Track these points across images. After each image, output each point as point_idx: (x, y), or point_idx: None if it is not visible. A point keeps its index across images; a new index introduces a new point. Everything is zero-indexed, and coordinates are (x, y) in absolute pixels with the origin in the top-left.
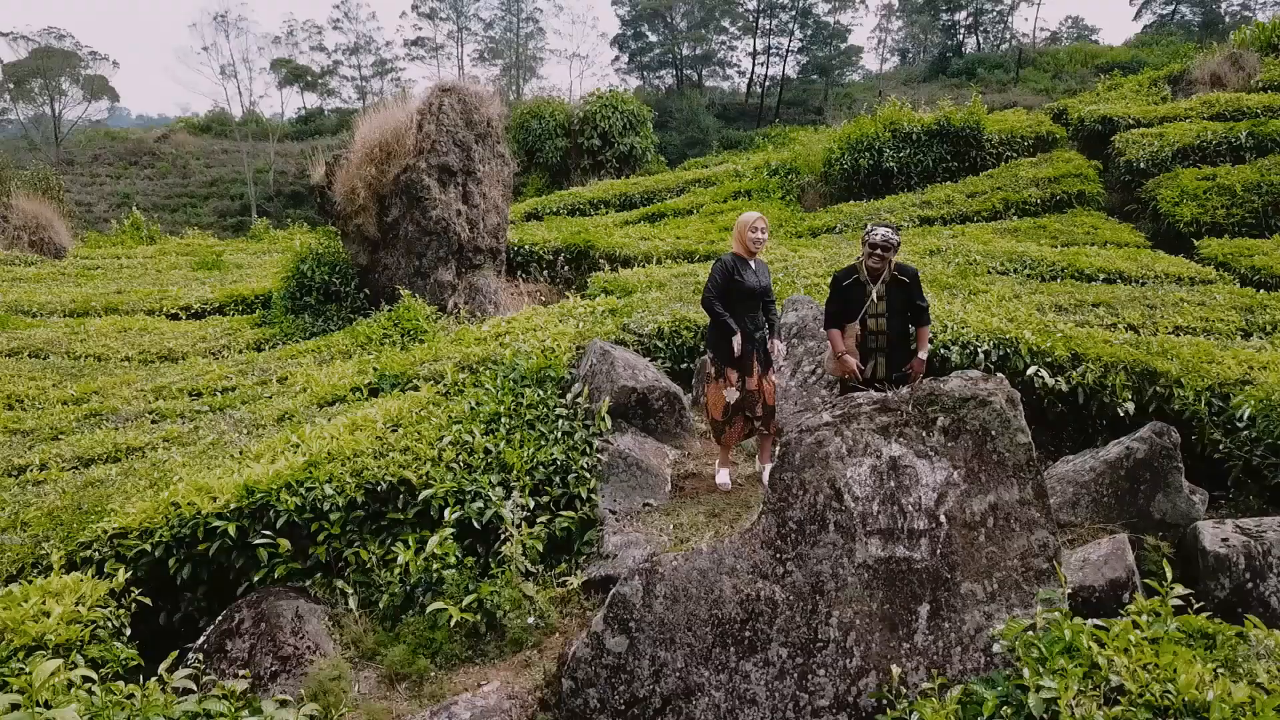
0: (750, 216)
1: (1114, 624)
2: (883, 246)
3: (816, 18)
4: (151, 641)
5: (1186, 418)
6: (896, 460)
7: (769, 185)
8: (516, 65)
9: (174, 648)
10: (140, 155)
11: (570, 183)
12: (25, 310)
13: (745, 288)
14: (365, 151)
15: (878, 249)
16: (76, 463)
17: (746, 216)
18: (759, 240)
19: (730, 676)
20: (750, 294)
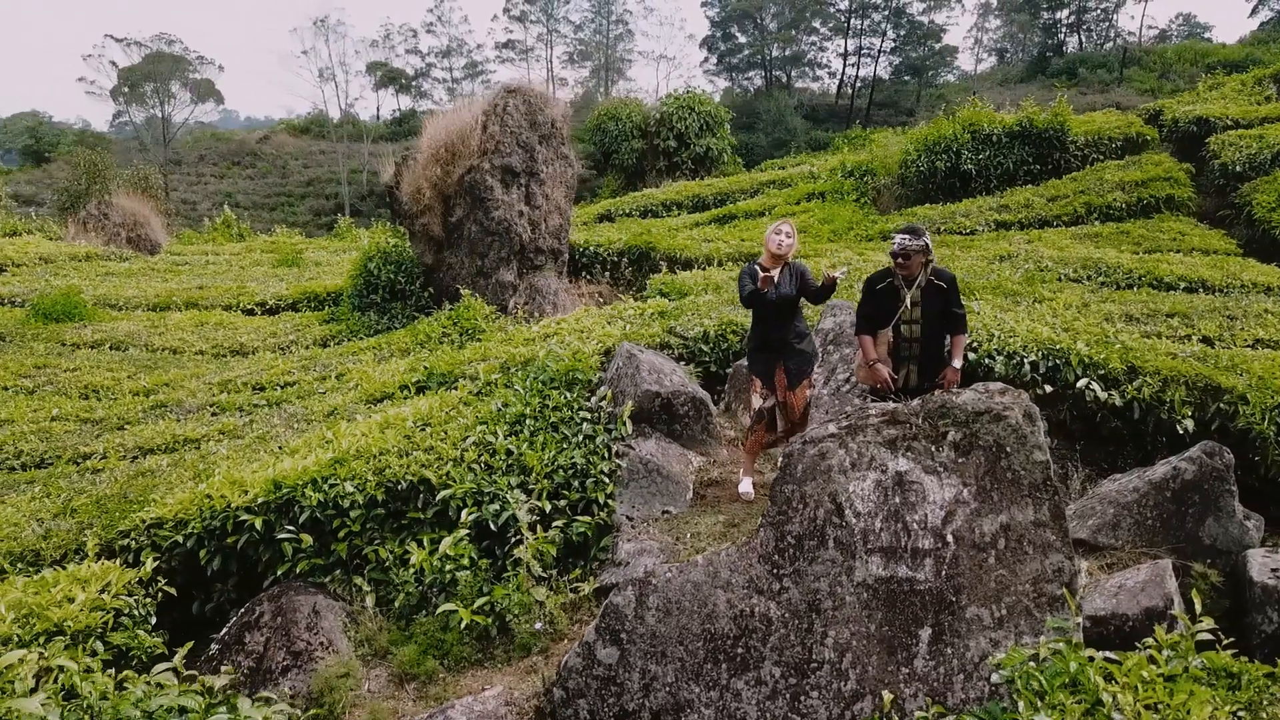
0: (777, 221)
1: (1128, 658)
2: (902, 255)
3: (910, 17)
4: (185, 630)
5: (1252, 438)
6: (903, 475)
7: (843, 187)
8: (605, 67)
9: (205, 637)
10: (243, 156)
11: (645, 184)
12: (112, 304)
13: (761, 296)
14: (431, 152)
15: (897, 258)
16: (136, 452)
17: (775, 222)
18: (782, 244)
19: (721, 694)
20: (769, 304)
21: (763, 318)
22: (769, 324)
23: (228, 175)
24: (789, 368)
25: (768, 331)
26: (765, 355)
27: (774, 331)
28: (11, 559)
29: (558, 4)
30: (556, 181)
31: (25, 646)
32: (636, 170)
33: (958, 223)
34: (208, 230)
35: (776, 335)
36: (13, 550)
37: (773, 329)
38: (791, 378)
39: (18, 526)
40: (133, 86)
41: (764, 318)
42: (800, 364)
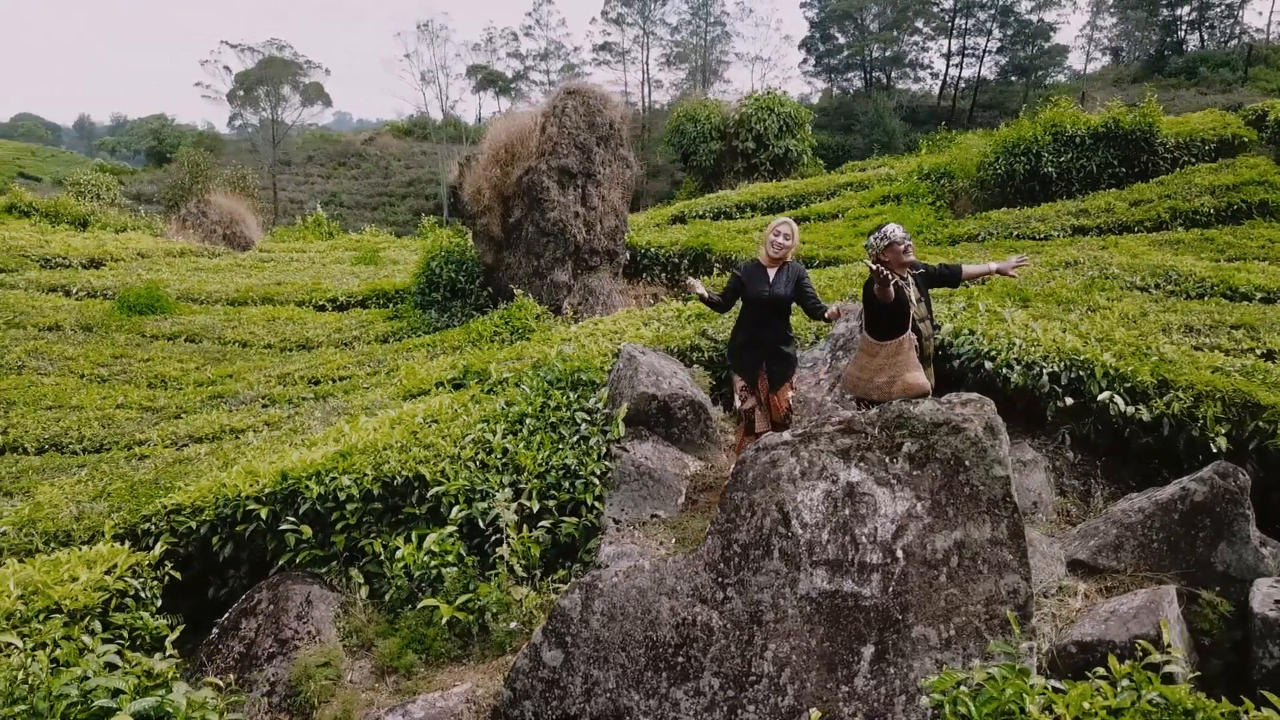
0: (775, 222)
1: (1075, 687)
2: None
3: (1018, 16)
4: (201, 614)
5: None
6: (854, 486)
7: (919, 190)
8: (703, 69)
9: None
10: (348, 157)
11: (722, 186)
12: (194, 298)
13: (752, 295)
14: (492, 153)
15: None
16: (186, 440)
17: (774, 221)
18: (780, 245)
19: (660, 703)
20: (761, 302)
21: (753, 316)
22: (759, 323)
23: (333, 175)
24: (771, 369)
25: (756, 331)
26: (750, 355)
27: (763, 331)
28: (46, 538)
29: (654, 6)
30: (613, 183)
31: (26, 623)
32: (714, 172)
33: (1032, 227)
34: (299, 228)
35: (765, 335)
36: (48, 530)
37: (762, 329)
38: (774, 380)
39: (57, 508)
40: (247, 90)
41: (754, 316)
42: (783, 367)
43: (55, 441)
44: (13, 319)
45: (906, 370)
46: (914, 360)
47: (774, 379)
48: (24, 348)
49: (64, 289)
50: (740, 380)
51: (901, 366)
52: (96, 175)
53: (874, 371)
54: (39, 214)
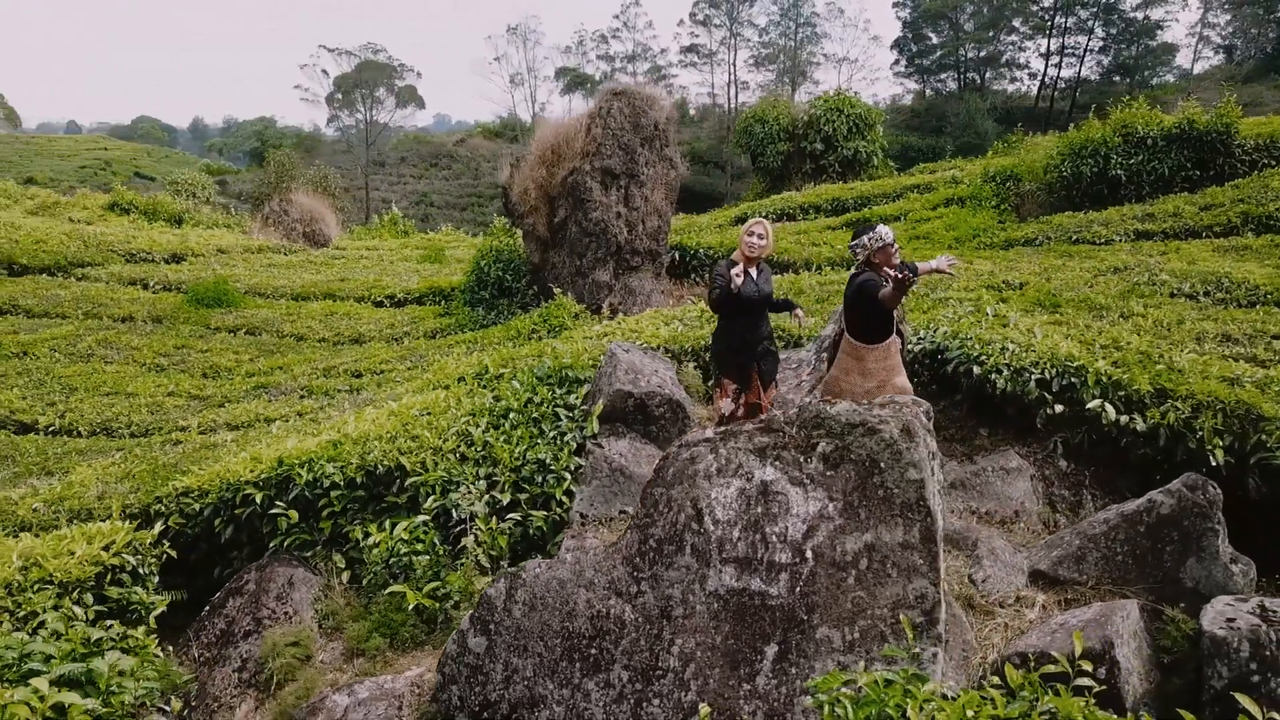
0: (751, 221)
1: (967, 695)
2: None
3: (1122, 14)
4: (207, 592)
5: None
6: (768, 485)
7: (982, 192)
8: (793, 70)
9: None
10: (440, 158)
11: (790, 187)
12: (260, 292)
13: (741, 295)
14: (539, 154)
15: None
16: (223, 427)
17: (749, 221)
18: (754, 246)
19: (573, 693)
20: (743, 303)
21: (738, 317)
22: (745, 324)
23: (425, 176)
24: (762, 368)
25: (744, 332)
26: (742, 356)
27: (750, 332)
28: (70, 515)
29: (742, 8)
30: (657, 183)
31: (21, 592)
32: (782, 173)
33: (1094, 232)
34: (375, 227)
35: (753, 336)
36: (73, 508)
37: (749, 329)
38: (764, 379)
39: (85, 487)
40: (345, 93)
41: (739, 317)
42: (772, 365)
43: (106, 426)
44: (91, 309)
45: (895, 374)
46: (900, 363)
47: (764, 378)
48: (96, 337)
49: (142, 282)
50: (732, 383)
51: (890, 370)
52: (192, 175)
53: (862, 376)
54: (138, 211)
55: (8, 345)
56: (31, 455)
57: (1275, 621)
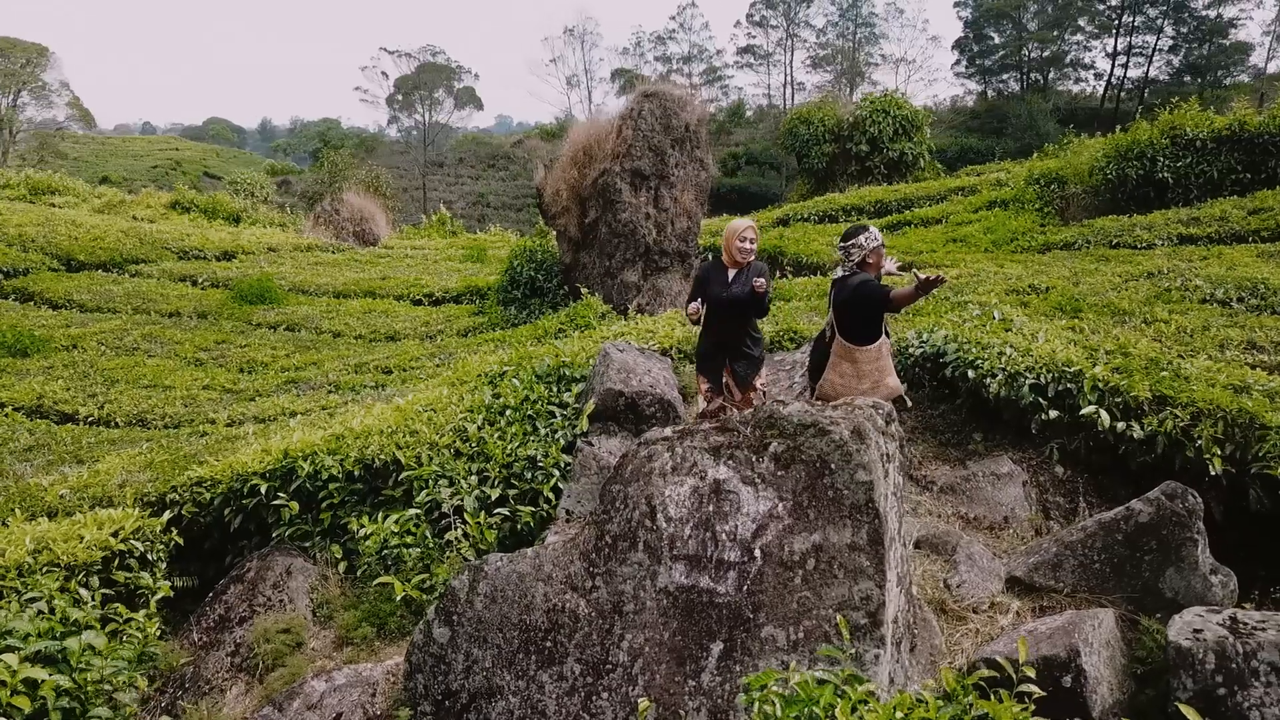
0: (740, 224)
1: (902, 698)
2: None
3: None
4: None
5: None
6: (721, 484)
7: (1026, 195)
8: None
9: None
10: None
11: (834, 189)
12: (303, 289)
13: (712, 296)
14: (570, 155)
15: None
16: (250, 420)
17: (736, 224)
18: (745, 250)
19: (528, 684)
20: (721, 304)
21: (715, 318)
22: (723, 327)
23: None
24: (736, 370)
25: (721, 334)
26: (717, 357)
27: (727, 334)
28: (92, 503)
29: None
30: (687, 185)
31: (31, 574)
32: (827, 174)
33: (1135, 236)
34: (424, 227)
35: (729, 338)
36: (96, 495)
37: (726, 332)
38: (740, 380)
39: (109, 475)
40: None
41: (716, 318)
42: (747, 367)
43: (141, 417)
44: (140, 304)
45: (886, 375)
46: (890, 364)
47: (739, 380)
48: (142, 331)
49: (192, 279)
50: (705, 382)
51: (882, 371)
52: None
53: (856, 378)
54: (198, 210)
55: (59, 338)
56: (66, 444)
57: (1245, 634)
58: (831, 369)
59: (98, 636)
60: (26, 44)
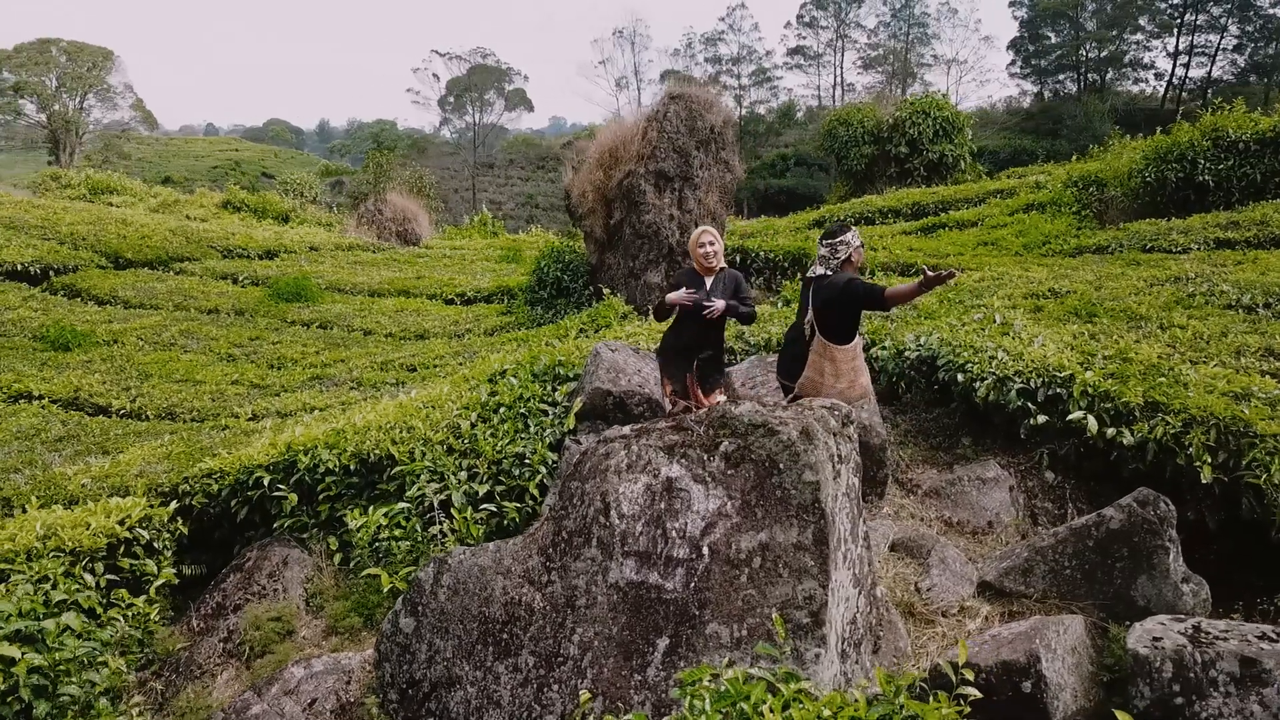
0: (697, 232)
1: (833, 698)
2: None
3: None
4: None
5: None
6: (673, 482)
7: (1063, 198)
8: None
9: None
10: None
11: (873, 191)
12: (340, 288)
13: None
14: (597, 157)
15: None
16: (274, 415)
17: (695, 232)
18: (709, 254)
19: (485, 675)
20: (691, 310)
21: (688, 324)
22: (691, 331)
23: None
24: (701, 374)
25: (688, 338)
26: (681, 359)
27: (694, 338)
28: (110, 492)
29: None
30: (711, 186)
31: (39, 558)
32: (865, 176)
33: (1171, 240)
34: (465, 227)
35: (695, 342)
36: (115, 485)
37: (693, 336)
38: (704, 385)
39: (129, 466)
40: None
41: (689, 324)
42: (711, 371)
43: (170, 411)
44: (181, 301)
45: (861, 374)
46: (864, 363)
47: (704, 384)
48: (180, 327)
49: (233, 277)
50: (670, 385)
51: (857, 371)
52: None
53: (835, 377)
54: (248, 209)
55: (101, 333)
56: (95, 435)
57: (1205, 644)
58: (810, 367)
59: (76, 619)
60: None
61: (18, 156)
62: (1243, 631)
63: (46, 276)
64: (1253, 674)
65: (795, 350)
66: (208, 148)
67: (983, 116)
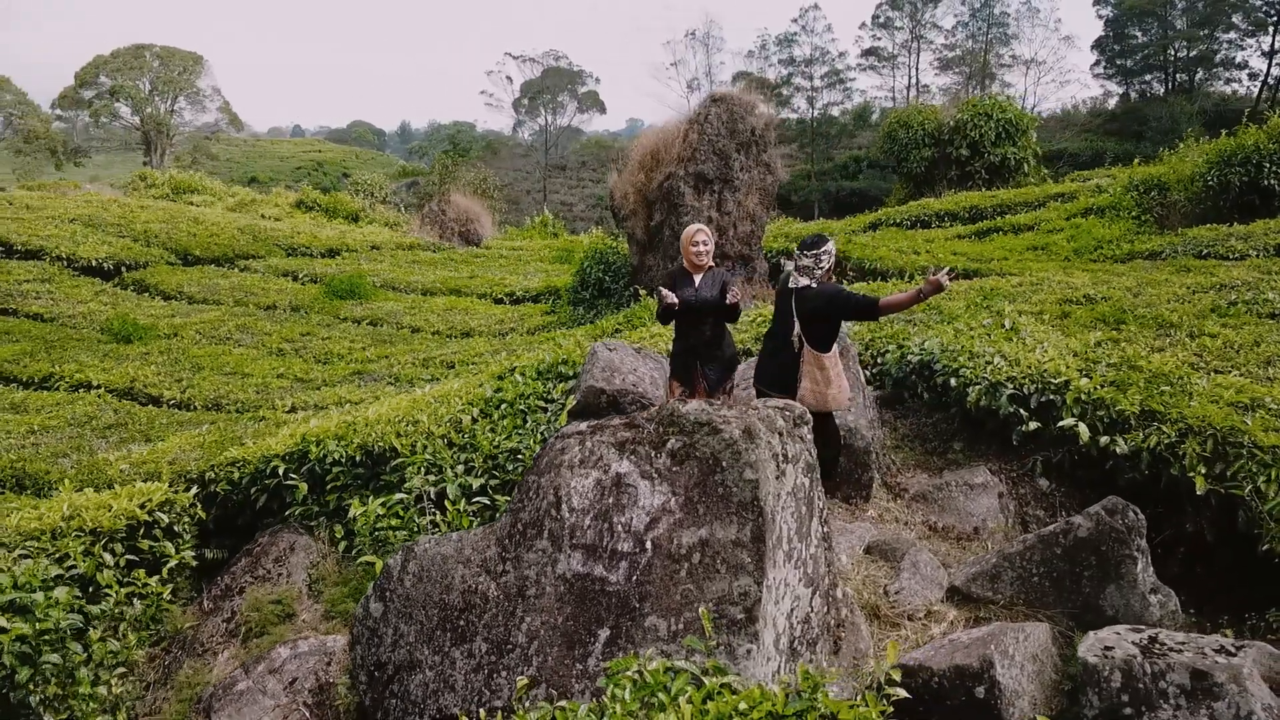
0: (691, 230)
1: (750, 693)
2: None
3: None
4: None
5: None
6: (621, 477)
7: (1123, 201)
8: (982, 73)
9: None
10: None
11: (933, 194)
12: (394, 286)
13: (683, 301)
14: (638, 159)
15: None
16: (312, 408)
17: (689, 230)
18: (700, 254)
19: (442, 660)
20: (689, 309)
21: (684, 323)
22: (694, 332)
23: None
24: (708, 374)
25: (692, 339)
26: (688, 360)
27: (698, 339)
28: (144, 477)
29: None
30: (751, 188)
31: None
32: (925, 179)
33: (1228, 246)
34: (526, 228)
35: (700, 342)
36: (149, 471)
37: (697, 336)
38: (710, 384)
39: (165, 454)
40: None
41: (686, 323)
42: (719, 371)
43: (217, 402)
44: (241, 298)
45: (843, 377)
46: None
47: (710, 384)
48: (237, 322)
49: (293, 274)
50: (679, 387)
51: (839, 375)
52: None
53: (825, 384)
54: (320, 209)
55: (162, 327)
56: (142, 423)
57: (1158, 655)
58: (806, 378)
59: (67, 594)
60: (184, 53)
61: (115, 157)
62: (1200, 644)
63: (119, 272)
64: (1203, 687)
65: (782, 360)
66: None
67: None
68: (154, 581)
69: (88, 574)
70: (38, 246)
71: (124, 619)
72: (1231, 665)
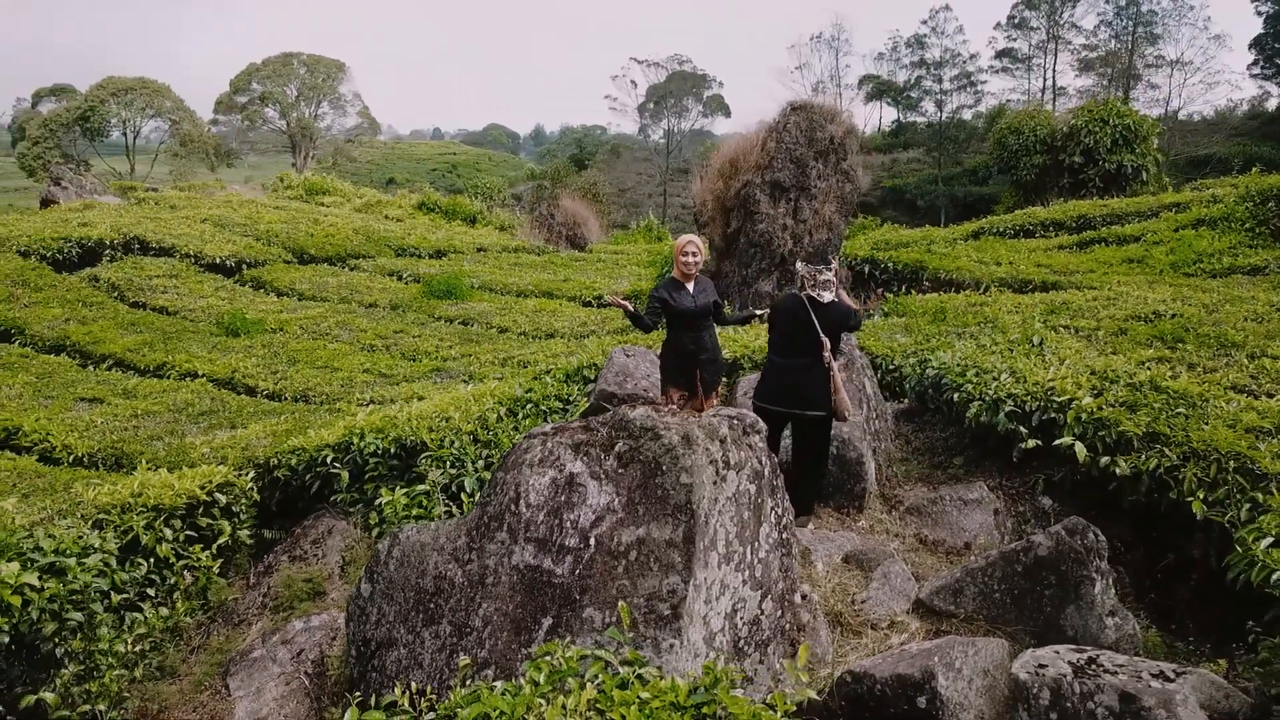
0: (682, 240)
1: (657, 683)
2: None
3: None
4: None
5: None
6: (574, 477)
7: (1236, 213)
8: (1126, 74)
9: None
10: None
11: (1045, 202)
12: (490, 287)
13: (676, 310)
14: (717, 167)
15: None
16: (387, 402)
17: (680, 240)
18: (688, 264)
19: (414, 639)
20: (685, 315)
21: (684, 330)
22: (688, 336)
23: None
24: (704, 376)
25: (687, 343)
26: (684, 364)
27: (693, 343)
28: (219, 460)
29: (1064, 9)
30: (829, 196)
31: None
32: (1036, 187)
33: None
34: (631, 233)
35: (696, 346)
36: (224, 456)
37: (692, 340)
38: (706, 386)
39: (242, 440)
40: (657, 102)
41: (685, 330)
42: (713, 373)
43: (305, 394)
44: (346, 295)
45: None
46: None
47: (705, 385)
48: (338, 319)
49: (398, 274)
50: (677, 391)
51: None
52: (489, 179)
53: (836, 391)
54: (440, 211)
55: (269, 321)
56: (232, 411)
57: (1090, 675)
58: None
59: (97, 560)
60: (328, 60)
61: (268, 160)
62: (1139, 668)
63: (240, 269)
64: (1131, 710)
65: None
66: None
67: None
68: (205, 556)
69: (148, 546)
70: (170, 244)
71: (177, 589)
72: (1165, 690)
